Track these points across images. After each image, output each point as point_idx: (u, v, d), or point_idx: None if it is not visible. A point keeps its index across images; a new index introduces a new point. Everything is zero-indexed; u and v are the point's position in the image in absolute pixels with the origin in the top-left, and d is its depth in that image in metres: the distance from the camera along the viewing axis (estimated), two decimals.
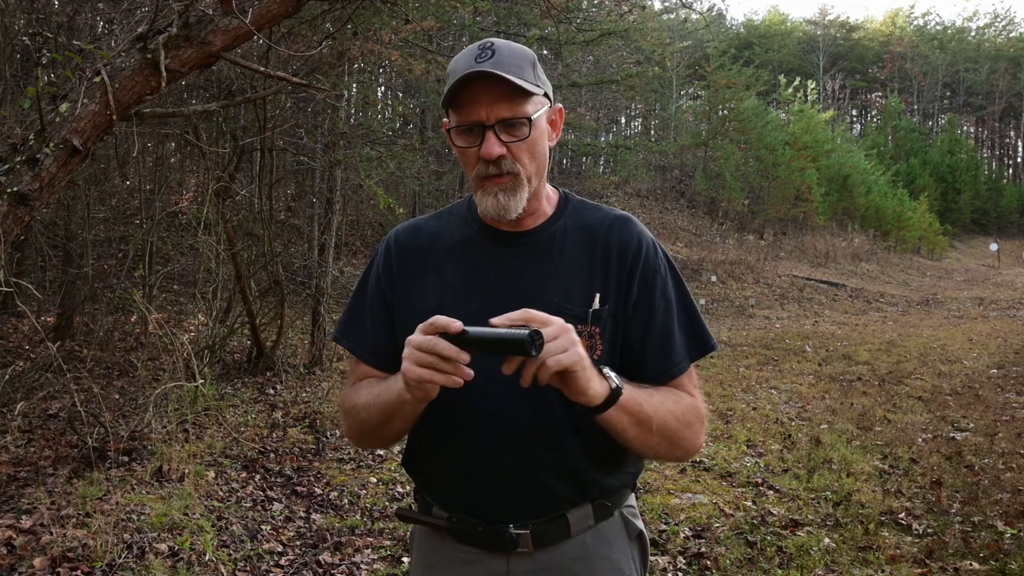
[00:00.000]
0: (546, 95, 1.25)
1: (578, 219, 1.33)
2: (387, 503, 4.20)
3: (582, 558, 1.29)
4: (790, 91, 30.58)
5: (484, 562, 1.29)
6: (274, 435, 5.23)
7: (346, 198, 10.63)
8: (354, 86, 10.57)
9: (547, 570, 1.28)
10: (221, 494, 4.14)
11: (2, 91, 5.68)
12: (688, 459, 1.34)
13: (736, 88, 25.35)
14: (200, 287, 6.49)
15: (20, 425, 4.66)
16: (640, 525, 1.37)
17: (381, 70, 13.69)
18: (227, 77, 6.62)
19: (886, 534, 3.84)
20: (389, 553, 3.58)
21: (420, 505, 1.39)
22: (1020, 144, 56.23)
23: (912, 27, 53.80)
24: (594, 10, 13.13)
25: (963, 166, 42.69)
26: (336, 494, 4.30)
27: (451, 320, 1.05)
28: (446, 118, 1.28)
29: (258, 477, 4.48)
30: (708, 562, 3.51)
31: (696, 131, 27.66)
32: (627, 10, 9.54)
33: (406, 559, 3.45)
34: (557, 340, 1.06)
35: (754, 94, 26.95)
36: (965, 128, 52.56)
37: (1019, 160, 56.28)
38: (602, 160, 25.54)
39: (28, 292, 4.48)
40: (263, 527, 3.78)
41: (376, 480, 4.55)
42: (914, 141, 43.24)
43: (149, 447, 4.46)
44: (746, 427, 6.01)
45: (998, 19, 57.56)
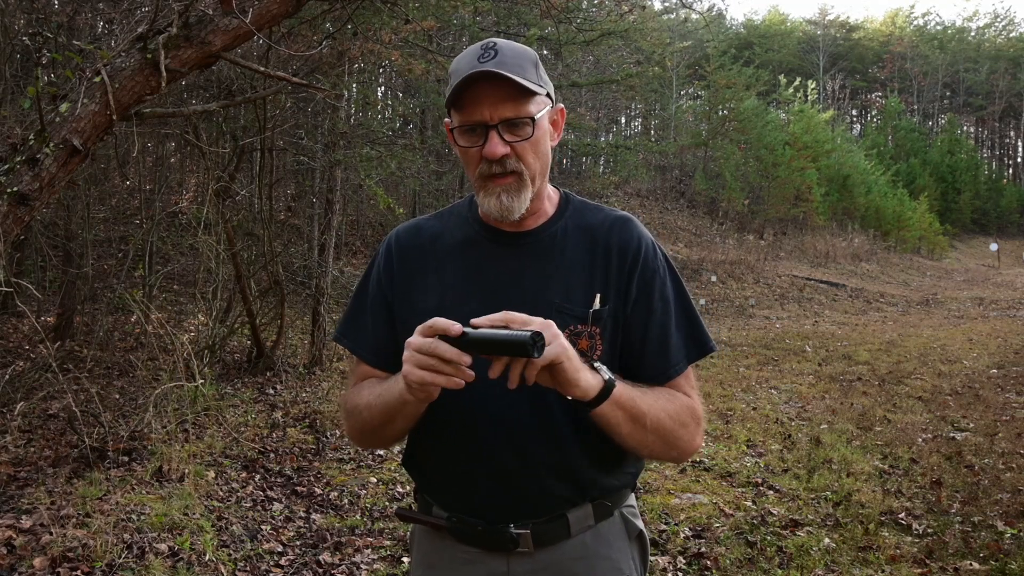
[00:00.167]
0: (548, 95, 1.25)
1: (579, 219, 1.33)
2: (387, 503, 4.20)
3: (582, 558, 1.29)
4: (790, 91, 30.59)
5: (484, 562, 1.29)
6: (274, 435, 5.23)
7: (346, 198, 10.63)
8: (354, 86, 10.57)
9: (547, 570, 1.28)
10: (221, 494, 4.14)
11: (2, 91, 5.68)
12: (685, 459, 1.34)
13: (736, 88, 25.34)
14: (200, 287, 6.49)
15: (20, 425, 4.65)
16: (640, 525, 1.37)
17: (381, 70, 13.70)
18: (227, 77, 6.62)
19: (886, 534, 3.84)
20: (389, 553, 3.58)
21: (420, 505, 1.39)
22: (1020, 144, 56.27)
23: (912, 27, 53.80)
24: (594, 10, 13.13)
25: (963, 166, 42.70)
26: (336, 494, 4.30)
27: (451, 323, 1.05)
28: (448, 118, 1.28)
29: (258, 477, 4.48)
30: (708, 562, 3.51)
31: (696, 131, 27.65)
32: (627, 10, 9.53)
33: (406, 559, 3.45)
34: None
35: (754, 94, 26.95)
36: (965, 128, 52.56)
37: (1019, 160, 56.31)
38: (602, 160, 25.53)
39: (28, 292, 4.48)
40: (263, 527, 3.78)
41: (376, 480, 4.55)
42: (914, 141, 43.24)
43: (149, 447, 4.46)
44: (746, 427, 6.01)
45: (998, 19, 57.63)
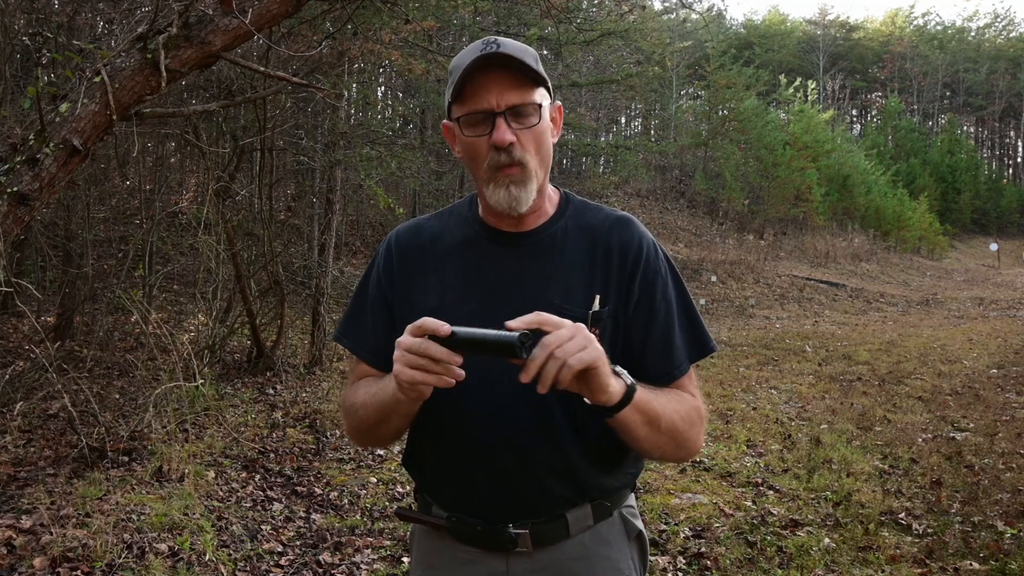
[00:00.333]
0: (548, 90, 1.26)
1: (579, 219, 1.33)
2: (387, 503, 4.20)
3: (581, 558, 1.29)
4: (790, 91, 30.56)
5: (483, 562, 1.29)
6: (274, 435, 5.23)
7: (346, 198, 10.63)
8: (354, 86, 10.57)
9: (546, 570, 1.28)
10: (221, 494, 4.14)
11: (2, 91, 5.68)
12: (689, 459, 1.34)
13: (736, 88, 25.34)
14: (200, 287, 6.49)
15: (20, 425, 4.65)
16: (639, 525, 1.37)
17: (381, 70, 13.70)
18: (227, 77, 6.61)
19: (886, 534, 3.84)
20: (389, 553, 3.58)
21: (420, 505, 1.39)
22: (1020, 144, 56.26)
23: (912, 27, 53.80)
24: (594, 10, 13.12)
25: (963, 166, 42.69)
26: (336, 494, 4.30)
27: (440, 323, 1.05)
28: (446, 119, 1.28)
29: (258, 477, 4.48)
30: (708, 562, 3.51)
31: (696, 131, 27.65)
32: (627, 10, 9.51)
33: (406, 559, 3.45)
34: (574, 339, 1.04)
35: (754, 94, 26.95)
36: (965, 128, 52.55)
37: (1019, 160, 56.30)
38: (602, 160, 25.52)
39: (28, 292, 4.47)
40: (263, 527, 3.78)
41: (376, 480, 4.55)
42: (914, 141, 43.23)
43: (149, 447, 4.46)
44: (746, 427, 6.01)
45: (998, 19, 57.60)
